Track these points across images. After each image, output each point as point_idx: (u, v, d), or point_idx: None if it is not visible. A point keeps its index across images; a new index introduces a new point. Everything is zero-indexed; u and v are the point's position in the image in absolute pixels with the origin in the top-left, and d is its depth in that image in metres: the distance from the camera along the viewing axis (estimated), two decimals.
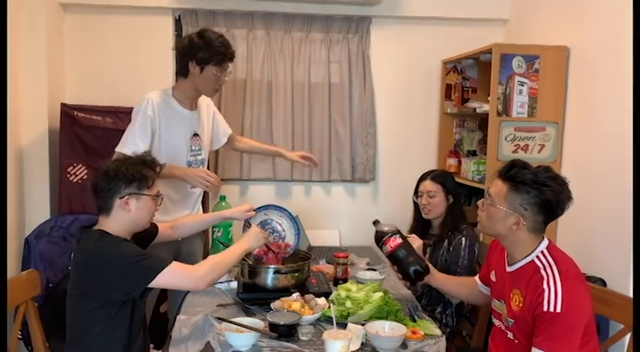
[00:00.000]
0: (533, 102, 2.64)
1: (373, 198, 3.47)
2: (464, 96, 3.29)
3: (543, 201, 1.58)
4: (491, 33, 3.26)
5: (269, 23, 3.27)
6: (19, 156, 2.87)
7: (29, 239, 2.59)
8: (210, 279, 1.76)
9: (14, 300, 1.85)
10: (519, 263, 1.66)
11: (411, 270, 1.94)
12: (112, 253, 1.65)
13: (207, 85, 2.31)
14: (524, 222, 1.60)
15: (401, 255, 1.97)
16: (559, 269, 1.55)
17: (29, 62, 2.85)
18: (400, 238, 1.98)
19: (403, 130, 3.43)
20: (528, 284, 1.59)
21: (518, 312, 1.61)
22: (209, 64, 2.26)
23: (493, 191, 1.67)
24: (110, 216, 1.74)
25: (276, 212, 2.29)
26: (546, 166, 1.65)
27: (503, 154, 2.66)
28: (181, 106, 2.34)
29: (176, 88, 2.37)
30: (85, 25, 3.17)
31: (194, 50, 2.25)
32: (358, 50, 3.31)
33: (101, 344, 1.69)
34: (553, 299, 1.49)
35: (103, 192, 1.73)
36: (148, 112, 2.24)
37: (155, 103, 2.26)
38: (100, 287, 1.65)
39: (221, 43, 2.28)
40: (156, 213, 2.12)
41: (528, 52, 2.63)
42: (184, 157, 2.36)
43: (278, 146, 3.04)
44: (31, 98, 2.88)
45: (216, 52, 2.25)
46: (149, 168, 1.80)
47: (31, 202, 2.93)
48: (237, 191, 3.35)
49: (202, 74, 2.27)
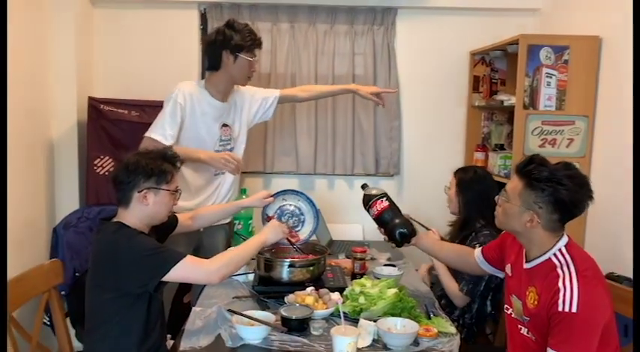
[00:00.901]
0: (562, 95, 2.55)
1: (397, 192, 3.42)
2: (492, 89, 3.20)
3: (557, 200, 1.52)
4: (522, 23, 3.15)
5: (293, 16, 3.25)
6: (50, 149, 2.95)
7: (57, 229, 2.67)
8: (224, 273, 1.77)
9: (37, 288, 1.91)
10: (536, 260, 1.61)
11: (397, 233, 1.96)
12: (128, 245, 1.68)
13: (241, 72, 2.40)
14: (539, 219, 1.56)
15: (387, 217, 1.99)
16: (576, 268, 1.50)
17: (59, 57, 2.92)
18: (387, 201, 1.99)
19: (429, 123, 3.37)
20: (544, 283, 1.54)
21: (534, 310, 1.57)
22: (242, 52, 2.35)
23: (509, 187, 1.63)
24: (129, 208, 1.77)
25: (294, 196, 2.31)
26: (566, 163, 1.59)
27: (529, 148, 2.58)
28: (212, 97, 2.41)
29: (208, 80, 2.44)
30: (113, 19, 3.22)
31: (227, 39, 2.33)
32: (383, 42, 3.26)
33: (117, 334, 1.73)
34: (569, 298, 1.44)
35: (122, 185, 1.76)
36: (179, 100, 2.33)
37: (186, 92, 2.35)
38: (115, 279, 1.68)
39: (249, 31, 2.39)
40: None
41: (557, 43, 2.54)
42: (212, 147, 2.43)
43: (349, 85, 2.95)
44: (61, 92, 2.95)
45: (246, 39, 2.35)
46: (169, 163, 1.82)
47: (61, 193, 3.01)
48: (260, 184, 3.36)
49: (236, 63, 2.36)
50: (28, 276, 1.85)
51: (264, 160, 3.29)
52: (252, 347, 1.64)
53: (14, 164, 2.58)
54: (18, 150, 2.61)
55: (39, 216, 2.84)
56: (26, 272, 1.85)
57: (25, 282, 1.82)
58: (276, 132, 3.28)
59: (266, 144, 3.28)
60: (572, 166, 1.58)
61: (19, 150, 2.62)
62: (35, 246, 2.75)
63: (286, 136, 3.30)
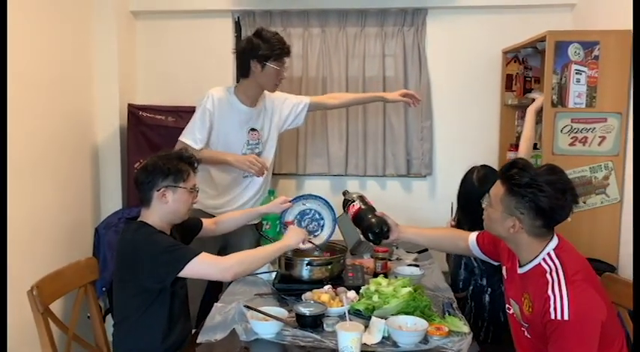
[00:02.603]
0: (593, 92, 2.48)
1: (430, 193, 3.41)
2: (526, 87, 3.14)
3: (538, 207, 1.49)
4: (556, 19, 3.08)
5: (324, 20, 3.31)
6: (95, 153, 3.14)
7: (99, 229, 2.85)
8: (237, 272, 1.83)
9: (73, 283, 2.04)
10: (527, 265, 1.59)
11: (369, 233, 2.00)
12: (146, 243, 1.78)
13: (269, 80, 2.49)
14: (522, 225, 1.53)
15: (359, 219, 2.05)
16: (565, 273, 1.47)
17: (102, 67, 3.12)
18: (359, 203, 2.05)
19: (461, 123, 3.34)
20: (536, 290, 1.52)
21: (530, 317, 1.55)
22: (269, 60, 2.43)
23: (493, 192, 1.62)
24: (150, 208, 1.87)
25: (314, 200, 2.34)
26: (551, 167, 1.55)
27: (559, 147, 2.52)
28: (241, 103, 2.52)
29: (238, 87, 2.56)
30: (153, 30, 3.40)
31: (254, 49, 2.43)
32: (414, 43, 3.27)
33: (140, 329, 1.83)
34: (559, 306, 1.42)
35: (142, 185, 1.86)
36: (207, 106, 2.46)
37: (215, 98, 2.47)
38: (135, 275, 1.79)
39: (278, 40, 2.46)
40: (204, 196, 2.37)
41: (587, 39, 2.47)
42: (239, 150, 2.54)
43: (376, 92, 3.08)
44: (104, 100, 3.14)
45: (274, 48, 2.43)
46: (185, 162, 1.91)
47: (105, 195, 3.20)
48: (293, 186, 3.44)
49: (264, 71, 2.45)
50: (64, 272, 1.99)
51: (297, 162, 3.36)
52: (265, 342, 1.71)
53: (62, 168, 2.78)
54: (65, 154, 2.81)
55: (85, 217, 3.03)
56: (62, 269, 1.99)
57: (61, 277, 1.95)
58: (308, 134, 3.35)
59: (298, 146, 3.35)
60: (556, 170, 1.54)
61: (66, 154, 2.82)
62: (81, 244, 2.94)
63: (318, 138, 3.36)
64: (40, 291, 1.79)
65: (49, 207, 2.68)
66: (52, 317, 1.85)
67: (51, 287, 1.88)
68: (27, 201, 2.51)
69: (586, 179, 2.52)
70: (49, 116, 2.67)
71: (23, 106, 2.47)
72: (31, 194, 2.54)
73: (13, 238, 2.43)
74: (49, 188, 2.67)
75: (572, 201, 1.51)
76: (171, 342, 1.87)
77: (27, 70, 2.50)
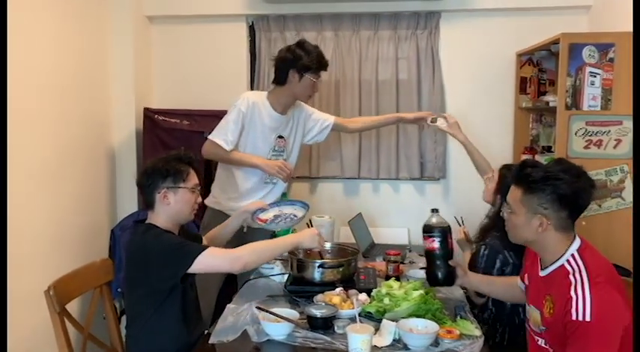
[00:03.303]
0: (607, 94, 2.46)
1: (444, 196, 3.40)
2: (540, 90, 3.11)
3: (560, 196, 1.50)
4: (570, 21, 3.06)
5: (337, 24, 3.33)
6: (112, 156, 3.19)
7: (115, 230, 2.89)
8: (247, 261, 1.84)
9: (89, 284, 2.08)
10: (550, 267, 1.59)
11: (432, 277, 1.95)
12: (155, 243, 1.80)
13: (304, 91, 2.55)
14: (549, 221, 1.53)
15: (430, 258, 1.98)
16: (588, 275, 1.46)
17: (119, 72, 3.17)
18: (438, 243, 1.95)
19: (475, 126, 3.29)
20: (559, 291, 1.51)
21: (550, 319, 1.54)
22: (308, 72, 2.48)
23: (510, 198, 1.62)
24: (155, 210, 1.90)
25: (291, 206, 2.36)
26: (558, 159, 1.61)
27: (573, 150, 2.50)
28: (273, 109, 2.55)
29: (272, 93, 2.59)
30: (168, 34, 3.44)
31: (296, 59, 2.47)
32: (427, 46, 3.27)
33: (151, 330, 1.85)
34: (581, 307, 1.41)
35: (144, 189, 1.89)
36: (242, 108, 2.48)
37: (250, 101, 2.50)
38: (145, 276, 1.81)
39: (318, 54, 2.52)
40: (225, 197, 2.48)
41: (602, 41, 2.45)
42: (265, 155, 2.58)
43: (394, 113, 3.12)
44: (121, 104, 3.19)
45: (314, 61, 2.49)
46: (184, 162, 1.92)
47: (121, 197, 3.24)
48: (306, 189, 3.45)
49: (301, 82, 2.50)
50: (80, 273, 2.02)
51: (310, 165, 3.38)
52: (276, 343, 1.72)
53: (80, 171, 2.83)
54: (83, 158, 2.86)
55: (101, 219, 3.08)
56: (78, 269, 2.03)
57: (77, 278, 1.99)
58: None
59: (311, 149, 3.36)
60: (564, 161, 1.58)
61: (84, 158, 2.87)
62: (98, 246, 2.99)
63: (331, 141, 3.35)
64: (56, 291, 1.83)
65: (68, 209, 2.73)
66: (68, 317, 1.89)
67: (67, 288, 1.91)
68: (48, 204, 2.57)
69: (601, 182, 2.49)
70: (68, 121, 2.72)
71: (43, 112, 2.53)
72: (52, 197, 2.60)
73: (35, 240, 2.49)
74: (67, 191, 2.72)
75: (590, 185, 1.53)
76: (183, 343, 1.89)
77: (46, 77, 2.55)
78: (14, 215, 2.28)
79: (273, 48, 3.37)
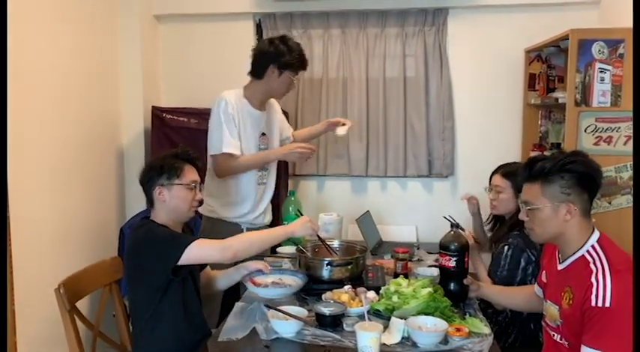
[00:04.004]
0: (617, 90, 2.44)
1: (451, 194, 3.39)
2: (549, 86, 3.10)
3: (580, 177, 1.54)
4: (580, 17, 3.03)
5: (344, 21, 3.32)
6: (120, 155, 3.21)
7: (124, 229, 2.90)
8: (237, 249, 1.83)
9: (99, 282, 2.09)
10: (570, 259, 1.59)
11: (445, 291, 1.93)
12: (146, 237, 1.82)
13: (281, 89, 2.45)
14: (575, 206, 1.55)
15: (445, 275, 1.99)
16: (609, 263, 1.48)
17: (127, 71, 3.19)
18: (454, 261, 1.95)
19: (483, 123, 3.32)
20: (579, 280, 1.51)
21: (569, 310, 1.54)
22: (288, 70, 2.38)
23: (529, 196, 1.62)
24: (154, 207, 1.92)
25: (291, 277, 2.14)
26: (559, 149, 1.69)
27: (583, 147, 2.48)
28: (251, 107, 2.45)
29: (247, 88, 2.47)
30: (176, 33, 3.45)
31: (278, 54, 2.36)
32: (435, 43, 3.26)
33: (153, 328, 1.86)
34: (602, 293, 1.42)
35: (144, 187, 1.92)
36: (229, 110, 2.37)
37: (232, 102, 2.39)
38: (140, 271, 1.82)
39: (300, 52, 2.42)
40: (223, 204, 2.41)
41: (611, 36, 2.44)
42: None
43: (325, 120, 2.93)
44: (129, 102, 3.20)
45: (297, 60, 2.39)
46: (180, 159, 1.91)
47: (130, 195, 3.26)
48: (314, 187, 3.46)
49: (280, 78, 2.40)
50: (89, 271, 2.04)
51: (317, 163, 3.38)
52: (285, 341, 1.72)
53: (90, 169, 2.85)
54: (91, 156, 2.87)
55: (110, 217, 3.10)
56: (88, 267, 2.04)
57: (87, 276, 2.01)
58: (329, 135, 3.35)
59: (319, 147, 3.36)
60: (564, 150, 1.66)
61: (93, 156, 2.89)
62: (107, 244, 3.00)
63: (338, 139, 3.35)
64: (66, 289, 1.84)
65: (78, 208, 2.75)
66: (78, 314, 1.90)
67: (77, 286, 1.93)
68: (58, 203, 2.59)
69: (611, 179, 2.47)
70: (77, 120, 2.74)
71: (52, 112, 2.55)
72: (63, 196, 2.62)
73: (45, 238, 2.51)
74: (77, 190, 2.74)
75: (597, 164, 1.59)
76: (187, 341, 1.89)
77: (55, 77, 2.57)
78: (24, 214, 2.30)
79: None
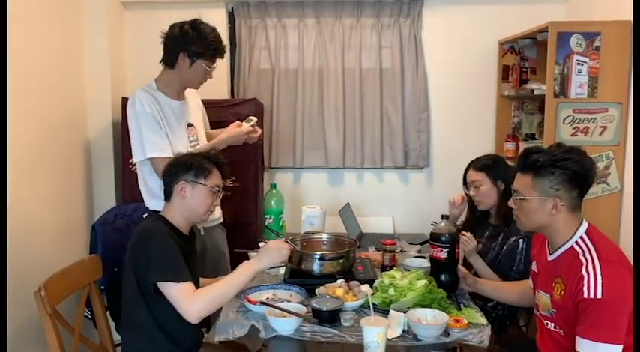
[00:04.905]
0: (594, 82, 2.50)
1: (427, 185, 3.42)
2: (522, 78, 3.16)
3: (571, 175, 1.54)
4: (551, 10, 3.08)
5: (319, 11, 3.27)
6: (87, 148, 3.05)
7: (95, 226, 2.75)
8: (202, 316, 1.73)
9: (79, 283, 1.99)
10: (559, 250, 1.61)
11: (437, 283, 1.94)
12: (147, 241, 1.75)
13: (195, 78, 2.24)
14: (562, 202, 1.56)
15: (437, 266, 2.00)
16: (598, 254, 1.50)
17: (93, 58, 3.02)
18: (445, 253, 1.96)
19: (458, 115, 3.35)
20: (569, 272, 1.54)
21: (561, 301, 1.57)
22: (201, 58, 2.17)
23: (519, 186, 1.64)
24: (171, 202, 1.86)
25: (285, 291, 2.03)
26: (558, 143, 1.66)
27: (561, 137, 2.54)
28: (168, 98, 2.24)
29: (160, 79, 2.27)
30: (143, 20, 3.29)
31: (187, 42, 2.15)
32: (410, 34, 3.25)
33: (143, 328, 1.79)
34: (593, 285, 1.44)
35: (166, 179, 1.87)
36: (147, 110, 2.13)
37: (147, 100, 2.16)
38: (135, 268, 1.76)
39: (214, 38, 2.20)
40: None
41: (588, 29, 2.49)
42: (186, 149, 2.21)
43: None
44: (96, 93, 3.04)
45: (209, 47, 2.17)
46: (211, 161, 1.87)
47: (98, 191, 3.11)
48: (290, 179, 3.40)
49: (192, 68, 2.18)
50: (69, 271, 1.93)
51: (294, 155, 3.32)
52: (285, 338, 1.68)
53: (53, 164, 2.68)
54: (56, 150, 2.71)
55: (78, 214, 2.94)
56: (68, 268, 1.94)
57: (66, 277, 1.90)
58: (305, 127, 3.31)
59: (295, 139, 3.31)
60: (562, 144, 1.63)
61: (58, 150, 2.72)
62: (75, 243, 2.86)
63: (315, 131, 3.32)
64: (47, 292, 1.73)
65: (43, 204, 2.59)
66: (59, 318, 1.80)
67: (57, 288, 1.83)
68: (24, 199, 2.43)
69: None
70: (42, 112, 2.57)
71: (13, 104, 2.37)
72: (27, 193, 2.45)
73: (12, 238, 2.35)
74: (43, 185, 2.58)
75: (592, 162, 1.59)
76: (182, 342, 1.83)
77: (15, 67, 2.39)
78: None
79: (253, 35, 3.30)
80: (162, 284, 1.71)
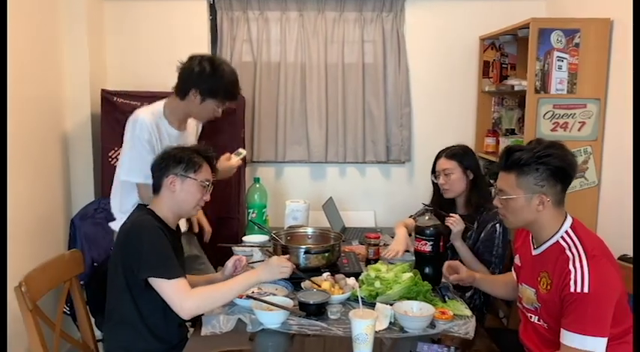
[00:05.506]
0: (573, 78, 2.55)
1: (408, 179, 3.44)
2: (502, 74, 3.20)
3: (554, 170, 1.56)
4: (531, 7, 3.13)
5: (302, 4, 3.25)
6: (65, 141, 2.98)
7: (74, 220, 2.72)
8: (196, 313, 1.72)
9: (59, 278, 1.95)
10: (544, 244, 1.63)
11: (422, 275, 1.97)
12: (139, 235, 1.72)
13: (202, 114, 2.21)
14: (547, 198, 1.58)
15: (422, 260, 2.04)
16: (585, 249, 1.52)
17: (71, 50, 2.95)
18: (430, 246, 2.01)
19: (439, 110, 3.37)
20: (555, 266, 1.56)
21: (546, 295, 1.58)
22: (212, 99, 2.13)
23: (503, 185, 1.65)
24: (159, 195, 1.83)
25: (271, 285, 2.00)
26: (537, 138, 1.69)
27: (541, 133, 2.58)
28: (170, 126, 2.21)
29: (168, 106, 2.21)
30: (123, 12, 3.24)
31: (202, 81, 2.09)
32: (392, 29, 3.26)
33: (128, 323, 1.77)
34: (580, 279, 1.46)
35: (155, 172, 1.83)
36: (146, 137, 2.10)
37: (149, 126, 2.12)
38: (123, 262, 1.73)
39: (231, 82, 2.15)
40: None
41: (568, 26, 2.53)
42: None
43: None
44: (74, 85, 2.98)
45: (224, 90, 2.12)
46: (201, 155, 1.85)
47: (76, 185, 3.05)
48: (272, 173, 3.39)
49: (202, 105, 2.13)
50: (49, 266, 1.89)
51: (276, 149, 3.31)
52: (272, 332, 1.68)
53: (29, 158, 2.62)
54: (33, 144, 2.64)
55: (55, 208, 2.88)
56: (48, 263, 1.89)
57: (46, 272, 1.86)
58: (287, 121, 3.30)
59: (277, 133, 3.29)
60: (542, 139, 1.66)
61: (34, 144, 2.66)
62: (53, 237, 2.80)
63: (297, 125, 3.31)
64: (28, 288, 1.69)
65: (20, 199, 2.53)
66: (39, 314, 1.76)
67: (38, 283, 1.78)
68: None
69: None
70: (18, 104, 2.50)
71: None
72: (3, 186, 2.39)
73: None
74: (19, 179, 2.52)
75: (572, 155, 1.61)
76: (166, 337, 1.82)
77: None
78: None
79: (235, 28, 3.26)
80: (154, 280, 1.69)
